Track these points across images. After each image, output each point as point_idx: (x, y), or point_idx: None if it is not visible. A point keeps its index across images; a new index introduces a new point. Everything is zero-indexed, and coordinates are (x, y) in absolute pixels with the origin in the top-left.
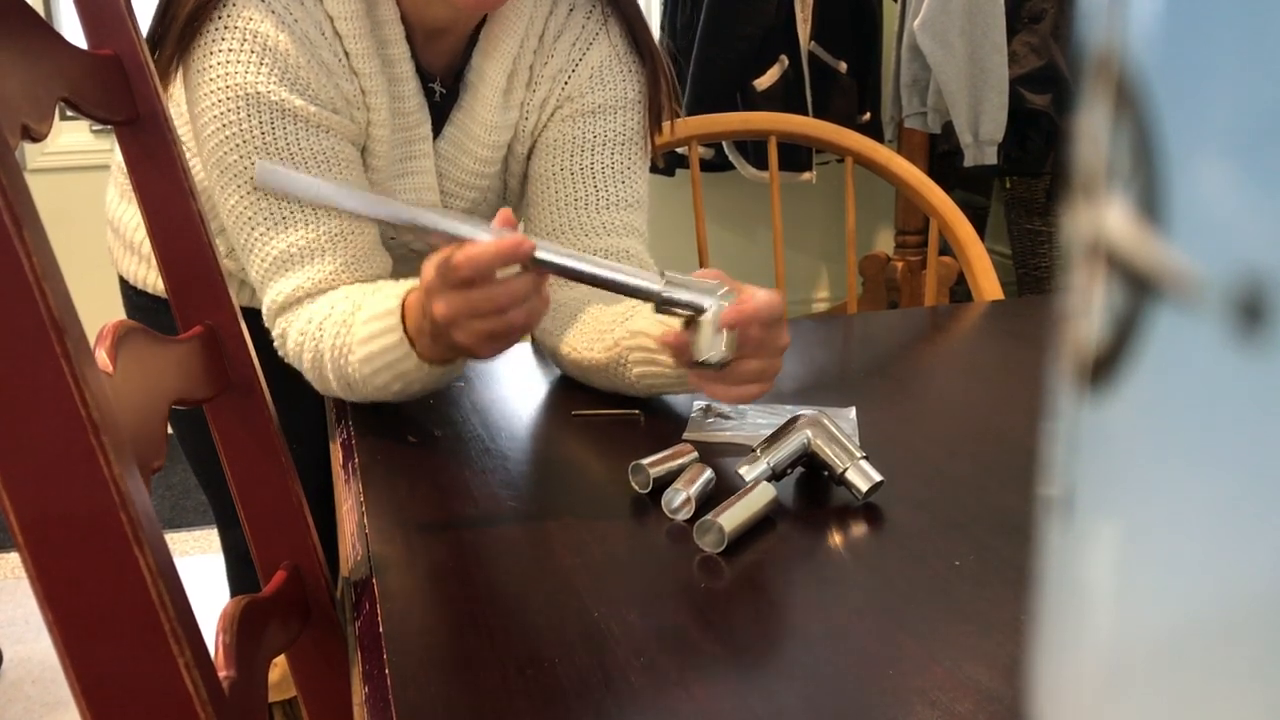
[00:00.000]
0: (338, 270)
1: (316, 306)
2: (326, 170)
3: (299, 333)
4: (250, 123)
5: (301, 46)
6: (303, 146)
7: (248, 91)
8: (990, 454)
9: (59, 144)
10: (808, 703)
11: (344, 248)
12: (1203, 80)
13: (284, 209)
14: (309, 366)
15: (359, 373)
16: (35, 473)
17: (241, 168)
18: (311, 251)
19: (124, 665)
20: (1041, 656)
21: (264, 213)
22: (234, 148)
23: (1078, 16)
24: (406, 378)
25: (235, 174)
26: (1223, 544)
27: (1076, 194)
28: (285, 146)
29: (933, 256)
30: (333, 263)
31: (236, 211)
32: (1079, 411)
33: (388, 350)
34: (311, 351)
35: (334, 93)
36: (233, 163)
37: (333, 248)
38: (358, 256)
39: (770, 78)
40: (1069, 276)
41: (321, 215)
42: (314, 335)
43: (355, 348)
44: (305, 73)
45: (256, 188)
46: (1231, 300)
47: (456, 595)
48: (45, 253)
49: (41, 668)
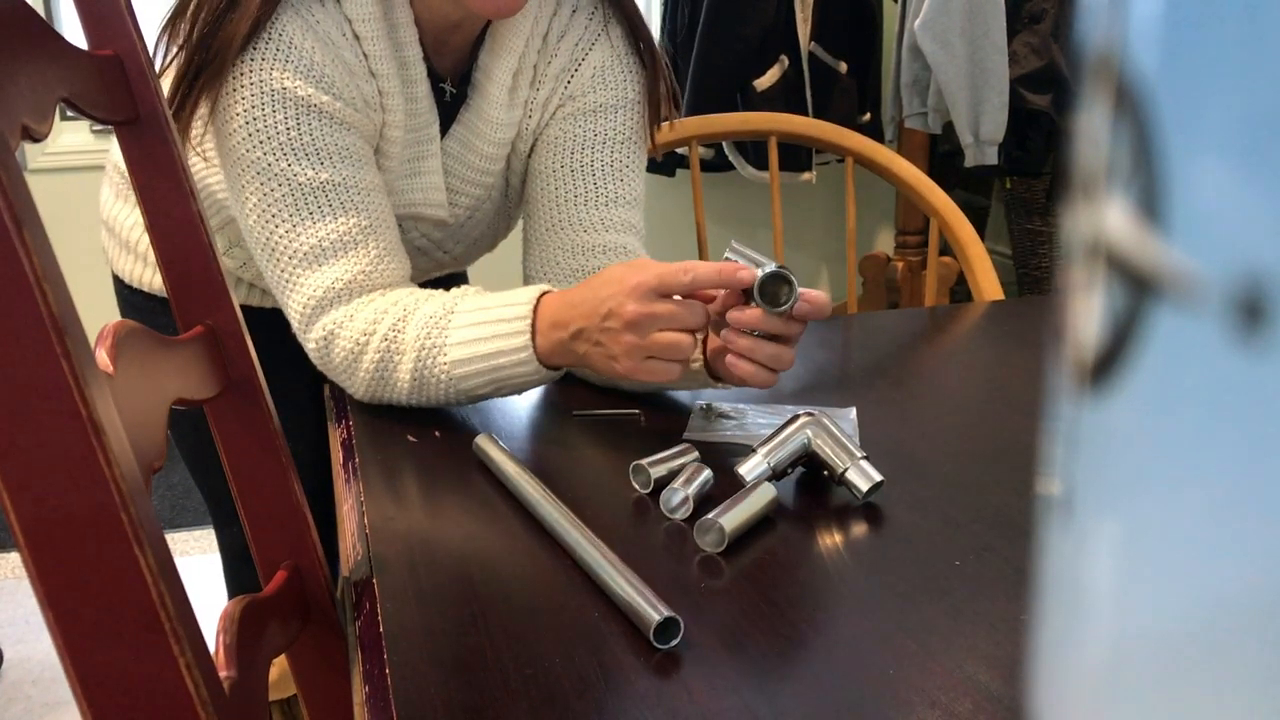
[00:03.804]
0: (373, 262)
1: (368, 308)
2: (347, 166)
3: (361, 332)
4: (276, 118)
5: (326, 47)
6: (327, 143)
7: (274, 88)
8: (990, 454)
9: (59, 144)
10: (808, 703)
11: (375, 241)
12: (1203, 80)
13: (307, 202)
14: (368, 368)
15: (449, 373)
16: (35, 473)
17: (265, 164)
18: (345, 244)
19: (124, 665)
20: (1041, 656)
21: (288, 208)
22: (258, 144)
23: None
24: (507, 379)
25: (259, 170)
26: (1222, 544)
27: (1076, 194)
28: (310, 143)
29: (933, 257)
30: (367, 255)
31: (259, 210)
32: (1079, 411)
33: (504, 352)
34: (380, 352)
35: (355, 93)
36: (256, 159)
37: (364, 240)
38: (388, 250)
39: (770, 78)
40: (1069, 276)
41: (348, 207)
42: (385, 336)
43: (450, 349)
44: (330, 70)
45: None
46: (1231, 300)
47: (456, 595)
48: (45, 253)
49: (41, 668)
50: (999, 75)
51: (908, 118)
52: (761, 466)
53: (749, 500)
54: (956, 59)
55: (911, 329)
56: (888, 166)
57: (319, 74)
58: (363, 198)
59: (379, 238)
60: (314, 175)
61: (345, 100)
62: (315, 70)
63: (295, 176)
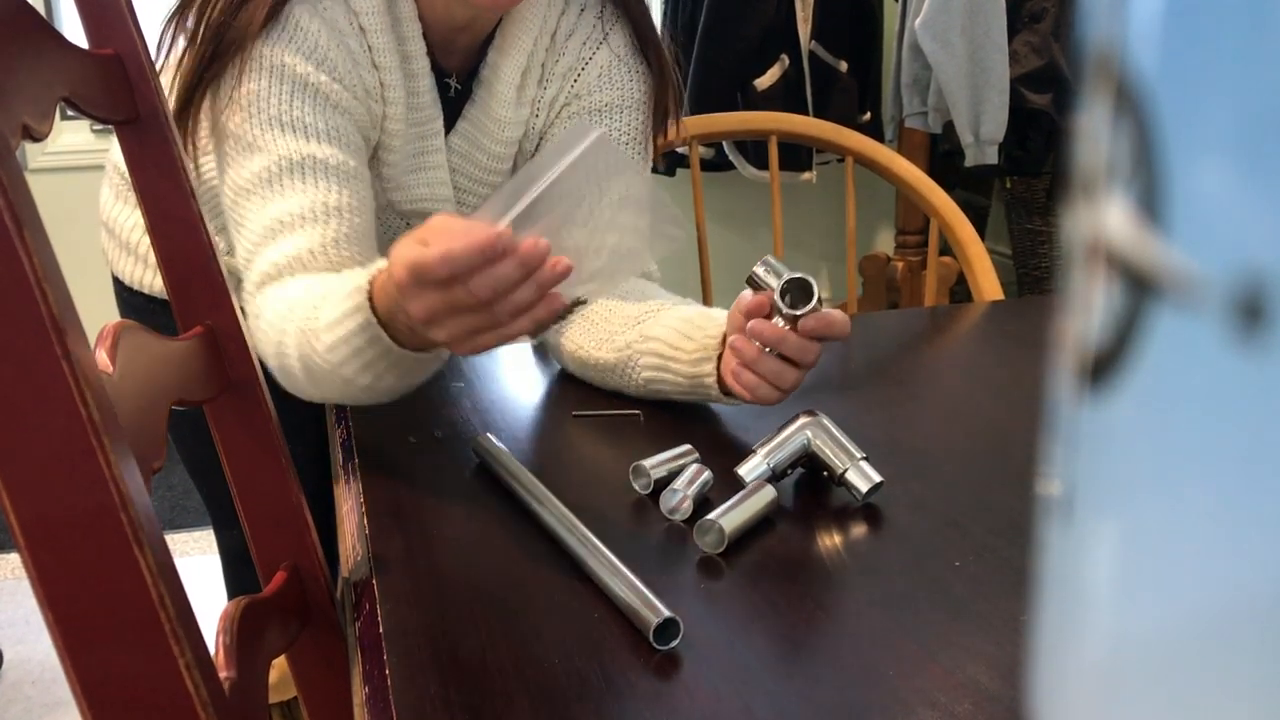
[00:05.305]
0: (327, 243)
1: (292, 288)
2: (331, 146)
3: (273, 313)
4: (272, 91)
5: (332, 33)
6: (316, 120)
7: (275, 64)
8: (990, 454)
9: (59, 144)
10: (808, 703)
11: (338, 222)
12: (1203, 80)
13: (283, 181)
14: (273, 354)
15: (326, 360)
16: (35, 473)
17: (252, 136)
18: (304, 219)
19: (124, 665)
20: (1041, 656)
21: (263, 185)
22: (246, 117)
23: (1078, 16)
24: (375, 367)
25: (247, 143)
26: (1222, 544)
27: (1076, 194)
28: (300, 118)
29: (933, 257)
30: (323, 233)
31: (236, 185)
32: (1079, 411)
33: (355, 334)
34: (278, 336)
35: (356, 80)
36: (245, 131)
37: (326, 219)
38: (352, 236)
39: (771, 77)
40: (1069, 276)
41: (321, 185)
42: (284, 317)
43: (323, 333)
44: (334, 55)
45: None
46: (1231, 300)
47: (456, 595)
48: (45, 253)
49: (41, 668)
50: (999, 74)
51: (908, 117)
52: (761, 467)
53: (749, 501)
54: (957, 58)
55: (911, 329)
56: (888, 166)
57: (322, 56)
58: (340, 179)
59: (345, 221)
60: (297, 149)
61: (345, 85)
62: (319, 53)
63: (279, 149)
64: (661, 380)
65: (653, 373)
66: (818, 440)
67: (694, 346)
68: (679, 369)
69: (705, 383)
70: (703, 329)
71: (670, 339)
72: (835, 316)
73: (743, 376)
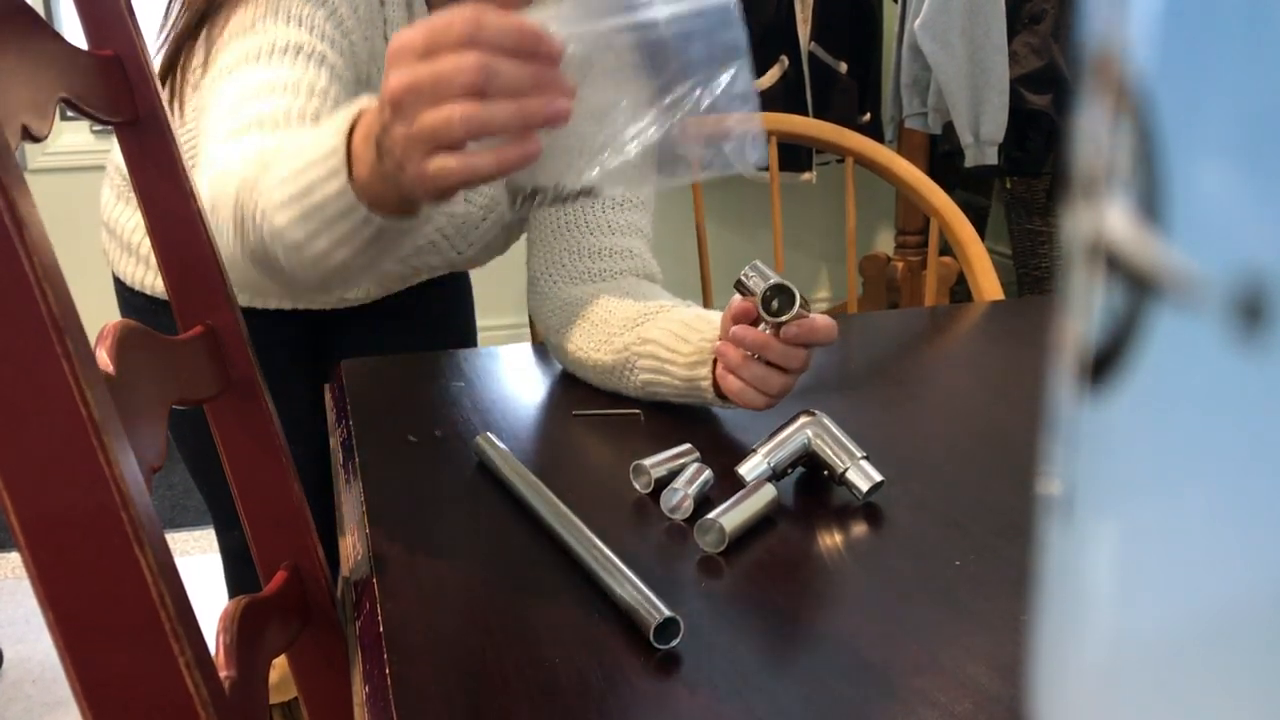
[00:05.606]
0: (307, 115)
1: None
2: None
3: (227, 160)
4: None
5: None
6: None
7: None
8: (990, 454)
9: (59, 144)
10: (808, 703)
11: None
12: (1203, 80)
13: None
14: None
15: (271, 222)
16: (35, 473)
17: (249, 22)
18: (287, 89)
19: (124, 665)
20: (1042, 656)
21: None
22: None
23: (1078, 17)
24: (335, 229)
25: (241, 29)
26: (1222, 543)
27: (1076, 194)
28: (308, 15)
29: (933, 257)
30: (304, 106)
31: (222, 67)
32: (1079, 411)
33: (317, 184)
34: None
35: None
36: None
37: (309, 96)
38: None
39: (770, 78)
40: (1069, 276)
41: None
42: (227, 173)
43: (275, 188)
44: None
45: None
46: (1231, 300)
47: (457, 595)
48: (46, 253)
49: (41, 668)
50: (999, 75)
51: (908, 118)
52: (761, 466)
53: (749, 500)
54: (956, 59)
55: (911, 329)
56: (888, 166)
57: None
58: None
59: (327, 109)
60: (296, 36)
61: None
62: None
63: (278, 32)
64: (659, 382)
65: (650, 375)
66: (818, 439)
67: (690, 349)
68: (675, 371)
69: (700, 385)
70: (699, 332)
71: (667, 342)
72: (819, 323)
73: (728, 381)
